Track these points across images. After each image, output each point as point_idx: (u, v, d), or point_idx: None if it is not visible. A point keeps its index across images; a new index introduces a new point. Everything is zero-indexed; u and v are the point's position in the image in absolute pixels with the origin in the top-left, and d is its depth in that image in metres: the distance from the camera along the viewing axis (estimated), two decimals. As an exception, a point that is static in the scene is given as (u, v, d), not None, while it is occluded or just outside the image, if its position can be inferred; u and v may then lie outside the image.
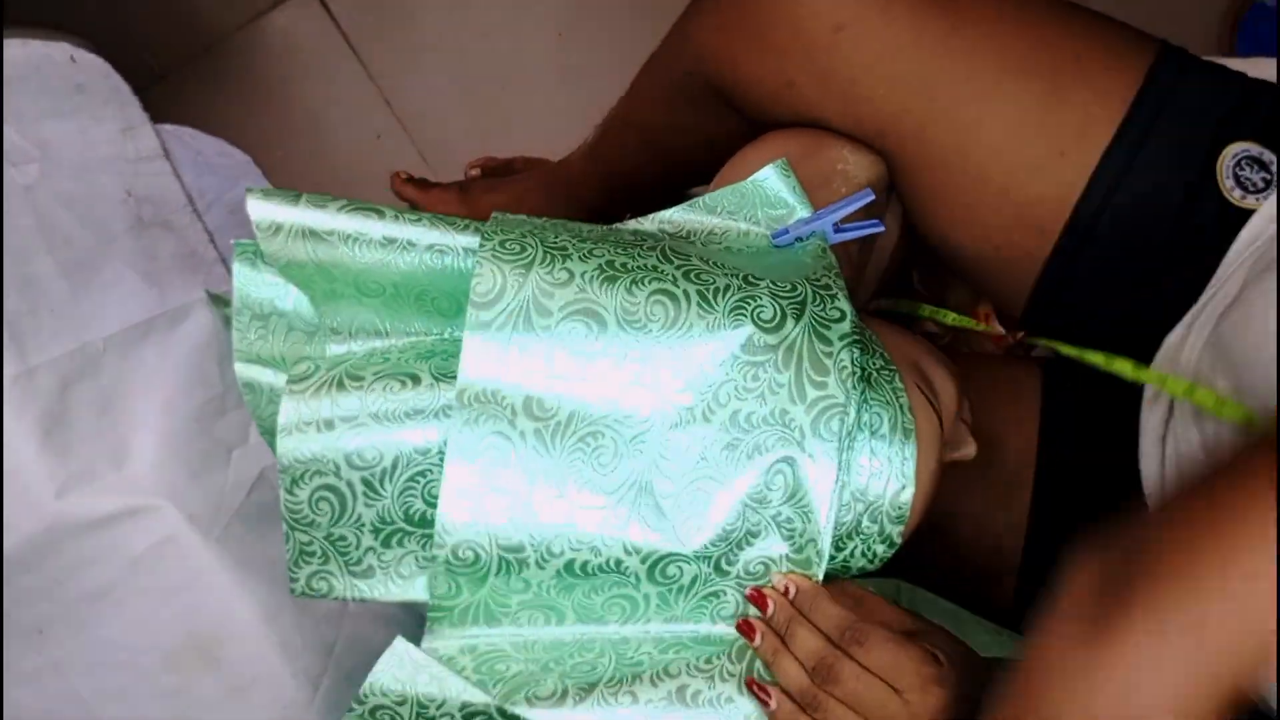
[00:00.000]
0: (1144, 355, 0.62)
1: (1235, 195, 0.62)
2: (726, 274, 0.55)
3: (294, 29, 1.19)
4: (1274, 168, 0.62)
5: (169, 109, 0.84)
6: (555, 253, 0.54)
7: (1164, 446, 0.61)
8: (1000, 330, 0.94)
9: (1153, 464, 0.62)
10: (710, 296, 0.53)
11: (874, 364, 0.56)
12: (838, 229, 0.62)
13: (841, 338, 0.54)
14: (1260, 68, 0.68)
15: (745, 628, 0.55)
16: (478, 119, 1.20)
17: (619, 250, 0.55)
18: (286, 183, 1.07)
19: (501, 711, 0.55)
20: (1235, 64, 0.67)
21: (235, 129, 0.94)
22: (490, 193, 1.03)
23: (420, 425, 0.55)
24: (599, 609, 0.56)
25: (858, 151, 0.69)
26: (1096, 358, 0.62)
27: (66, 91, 0.71)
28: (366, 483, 0.56)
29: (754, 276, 0.55)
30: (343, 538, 0.57)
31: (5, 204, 0.65)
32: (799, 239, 0.62)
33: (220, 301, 0.76)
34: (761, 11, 0.67)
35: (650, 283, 0.53)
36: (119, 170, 0.74)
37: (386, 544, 0.57)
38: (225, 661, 0.69)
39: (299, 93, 1.18)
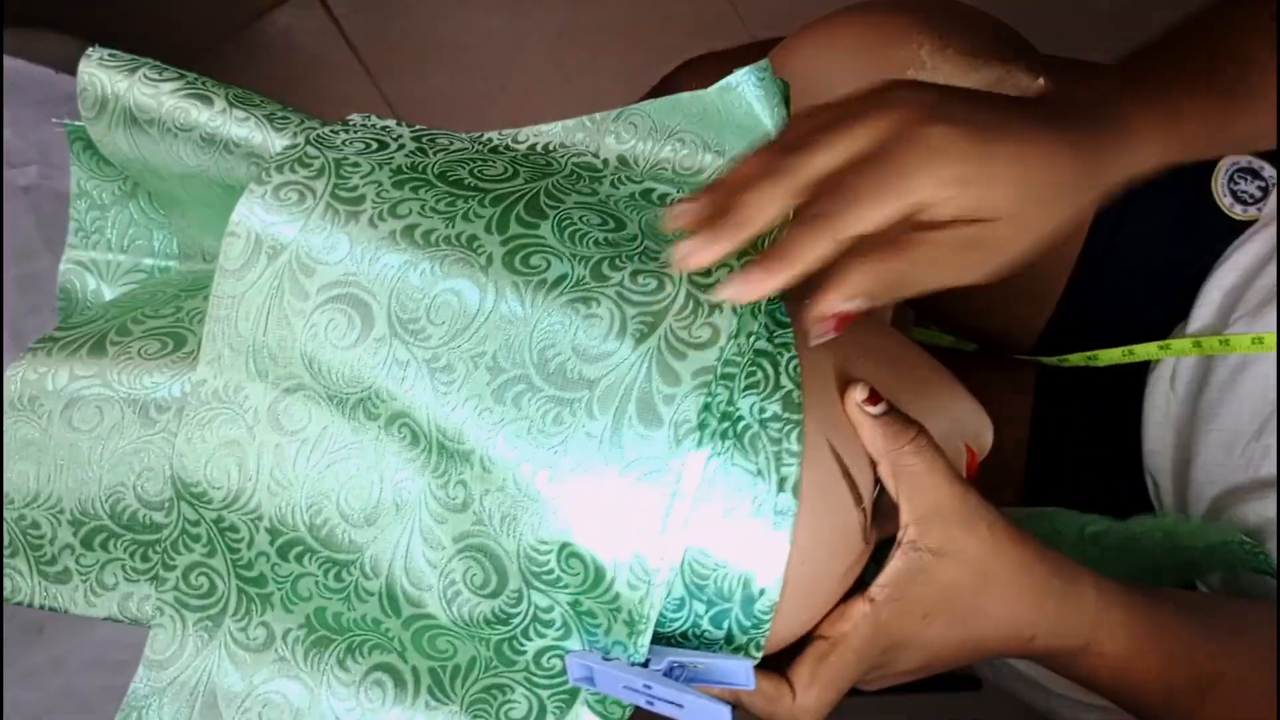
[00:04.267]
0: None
1: (1236, 211, 0.62)
2: (574, 256, 0.40)
3: (294, 29, 1.19)
4: (1265, 173, 0.62)
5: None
6: (342, 206, 0.41)
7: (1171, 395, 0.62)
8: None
9: (1160, 431, 0.62)
10: (523, 291, 0.39)
11: (756, 411, 0.39)
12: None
13: (697, 374, 0.37)
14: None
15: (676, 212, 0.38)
16: (478, 119, 1.20)
17: (443, 209, 0.41)
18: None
19: None
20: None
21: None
22: None
23: (153, 391, 0.44)
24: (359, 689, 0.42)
25: (942, 52, 0.51)
26: (1114, 354, 0.62)
27: (59, 100, 0.72)
28: (75, 450, 0.44)
29: (619, 261, 0.40)
30: (35, 524, 0.45)
31: (5, 204, 0.66)
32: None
33: None
34: None
35: (452, 264, 0.39)
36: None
37: (88, 544, 0.45)
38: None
39: (299, 93, 1.18)
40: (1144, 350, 0.61)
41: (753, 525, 0.39)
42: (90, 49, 0.46)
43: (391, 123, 0.46)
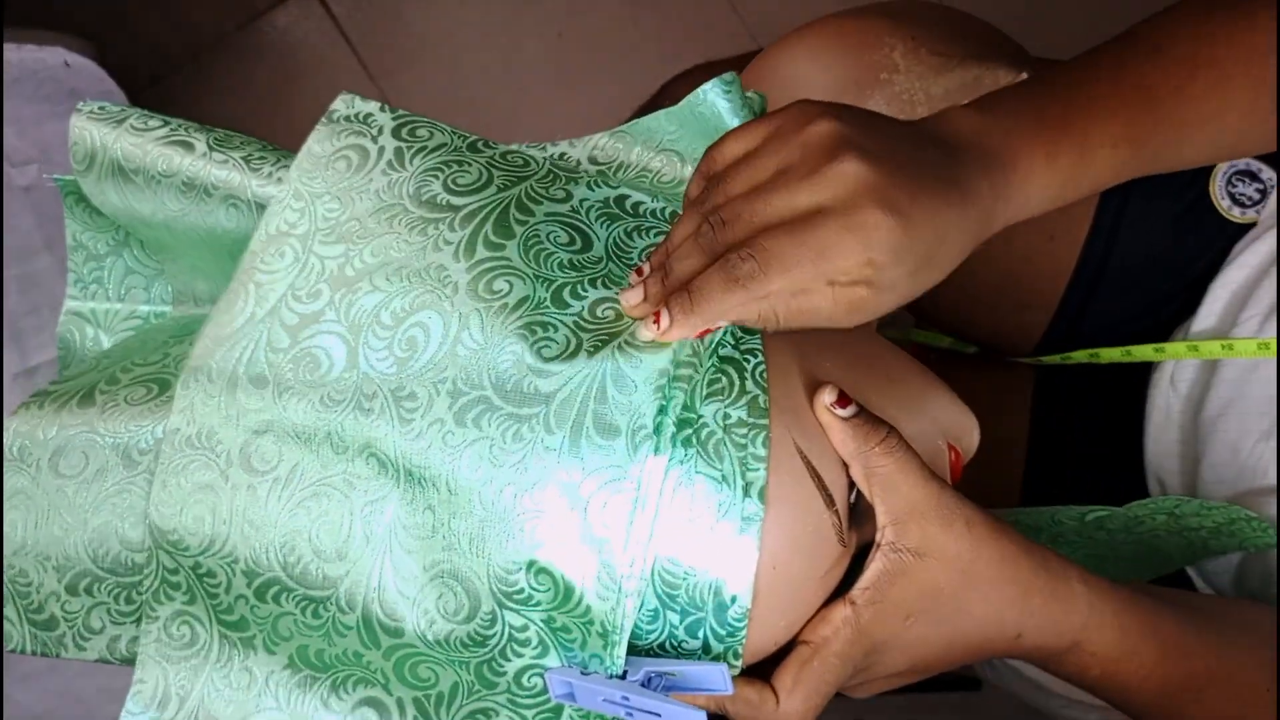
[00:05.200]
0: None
1: (1235, 213, 0.62)
2: (538, 277, 0.40)
3: (294, 29, 1.19)
4: (1264, 176, 0.62)
5: (170, 109, 0.84)
6: (324, 257, 0.42)
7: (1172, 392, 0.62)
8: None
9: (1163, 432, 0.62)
10: (486, 318, 0.39)
11: (719, 416, 0.39)
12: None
13: (650, 378, 0.38)
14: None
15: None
16: (478, 119, 1.20)
17: (415, 239, 0.42)
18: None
19: None
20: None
21: (235, 129, 0.94)
22: None
23: (136, 434, 0.44)
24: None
25: (915, 54, 0.51)
26: (1113, 353, 0.62)
27: (61, 95, 0.72)
28: (61, 495, 0.45)
29: (580, 290, 0.41)
30: (23, 573, 0.46)
31: (5, 204, 0.66)
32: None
33: None
34: None
35: (421, 296, 0.40)
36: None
37: (72, 590, 0.45)
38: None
39: (299, 93, 1.18)
40: (1140, 352, 0.62)
41: (719, 532, 0.39)
42: (80, 104, 0.48)
43: (375, 108, 0.47)
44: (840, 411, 0.41)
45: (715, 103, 0.46)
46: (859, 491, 0.42)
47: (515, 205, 0.43)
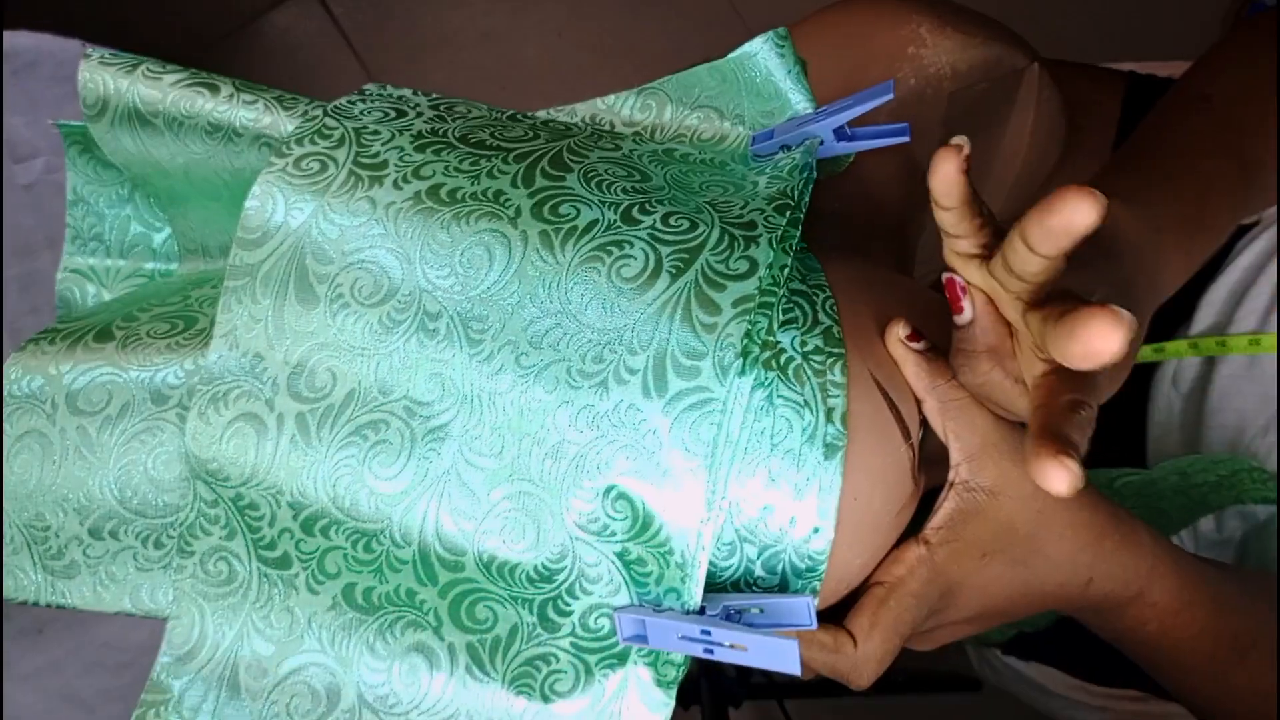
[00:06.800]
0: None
1: None
2: (604, 203, 0.39)
3: (294, 29, 1.19)
4: None
5: (169, 109, 0.84)
6: (364, 172, 0.40)
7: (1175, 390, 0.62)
8: None
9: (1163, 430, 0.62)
10: (554, 240, 0.38)
11: (797, 343, 0.39)
12: (843, 134, 0.42)
13: (738, 303, 0.37)
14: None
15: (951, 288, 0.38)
16: (478, 119, 1.21)
17: (466, 168, 0.40)
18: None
19: None
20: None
21: (235, 129, 0.94)
22: None
23: (163, 369, 0.42)
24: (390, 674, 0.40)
25: (942, 30, 0.52)
26: None
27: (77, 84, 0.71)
28: (82, 432, 0.43)
29: (649, 206, 0.39)
30: (40, 517, 0.44)
31: (5, 202, 0.66)
32: (785, 147, 0.43)
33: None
34: None
35: (480, 218, 0.39)
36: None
37: (96, 534, 0.44)
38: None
39: (298, 92, 1.18)
40: (1139, 353, 0.61)
41: (803, 458, 0.38)
42: (89, 49, 0.46)
43: (408, 92, 0.45)
44: (914, 345, 0.40)
45: (766, 61, 0.45)
46: (924, 434, 0.41)
47: (567, 150, 0.41)
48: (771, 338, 0.38)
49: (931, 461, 0.41)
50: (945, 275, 0.38)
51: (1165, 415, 0.62)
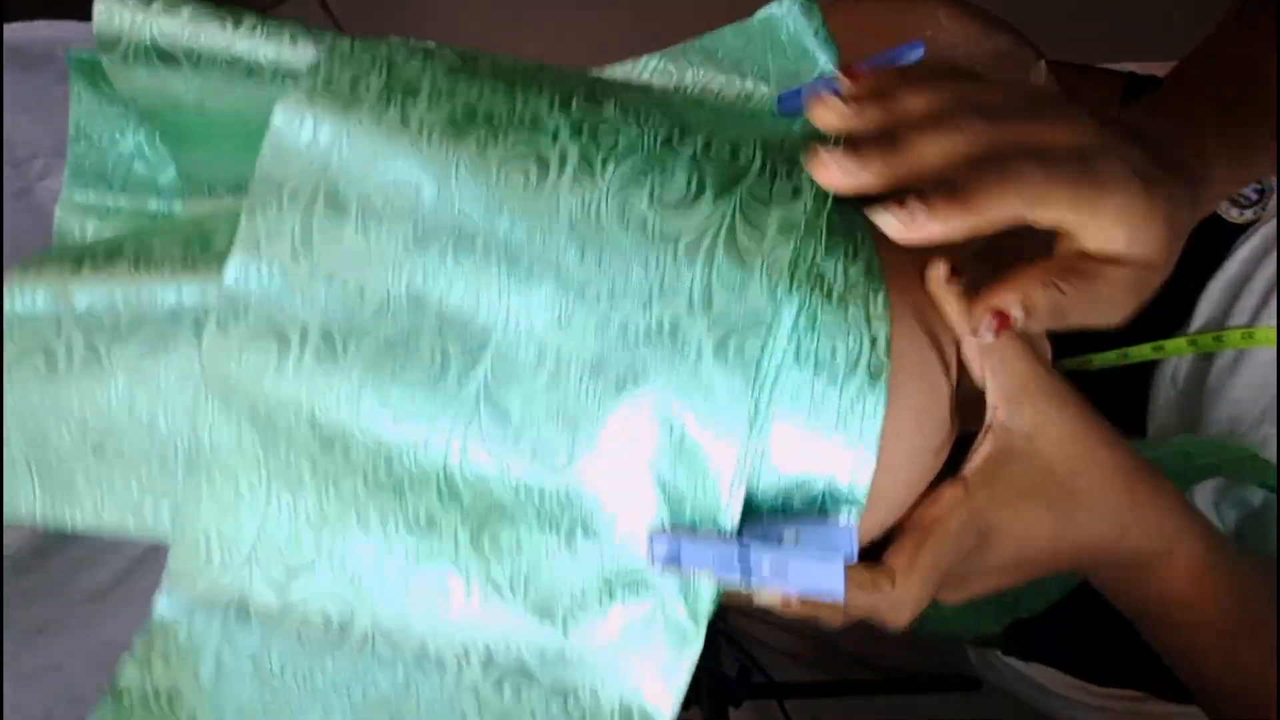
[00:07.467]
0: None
1: (1234, 214, 0.62)
2: (643, 128, 0.39)
3: (294, 29, 1.19)
4: (1262, 176, 0.62)
5: (169, 109, 0.84)
6: (398, 93, 0.39)
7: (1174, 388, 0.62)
8: None
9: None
10: (595, 160, 0.37)
11: (840, 272, 0.38)
12: None
13: (784, 228, 0.37)
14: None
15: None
16: (477, 119, 1.21)
17: (502, 93, 0.40)
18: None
19: None
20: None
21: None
22: None
23: (179, 285, 0.41)
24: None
25: (958, 19, 0.54)
26: (1109, 356, 0.62)
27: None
28: (91, 348, 0.41)
29: (689, 133, 0.39)
30: (41, 432, 0.43)
31: (5, 202, 0.66)
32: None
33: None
34: None
35: (518, 139, 0.38)
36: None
37: (99, 452, 0.42)
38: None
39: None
40: (1138, 352, 0.61)
41: (846, 383, 0.37)
42: None
43: (431, 44, 0.45)
44: (954, 285, 0.39)
45: (796, 25, 0.44)
46: (961, 377, 0.41)
47: (599, 87, 0.41)
48: (816, 264, 0.38)
49: (965, 406, 0.41)
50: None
51: (1165, 415, 0.62)
